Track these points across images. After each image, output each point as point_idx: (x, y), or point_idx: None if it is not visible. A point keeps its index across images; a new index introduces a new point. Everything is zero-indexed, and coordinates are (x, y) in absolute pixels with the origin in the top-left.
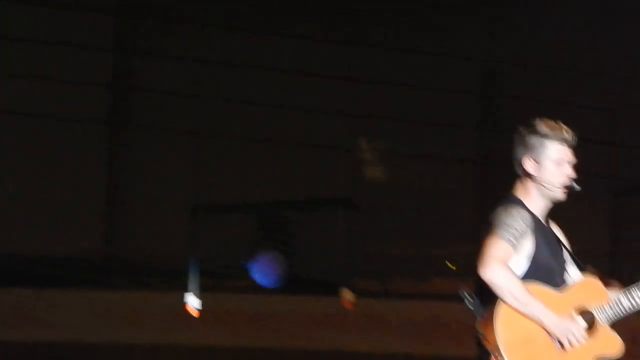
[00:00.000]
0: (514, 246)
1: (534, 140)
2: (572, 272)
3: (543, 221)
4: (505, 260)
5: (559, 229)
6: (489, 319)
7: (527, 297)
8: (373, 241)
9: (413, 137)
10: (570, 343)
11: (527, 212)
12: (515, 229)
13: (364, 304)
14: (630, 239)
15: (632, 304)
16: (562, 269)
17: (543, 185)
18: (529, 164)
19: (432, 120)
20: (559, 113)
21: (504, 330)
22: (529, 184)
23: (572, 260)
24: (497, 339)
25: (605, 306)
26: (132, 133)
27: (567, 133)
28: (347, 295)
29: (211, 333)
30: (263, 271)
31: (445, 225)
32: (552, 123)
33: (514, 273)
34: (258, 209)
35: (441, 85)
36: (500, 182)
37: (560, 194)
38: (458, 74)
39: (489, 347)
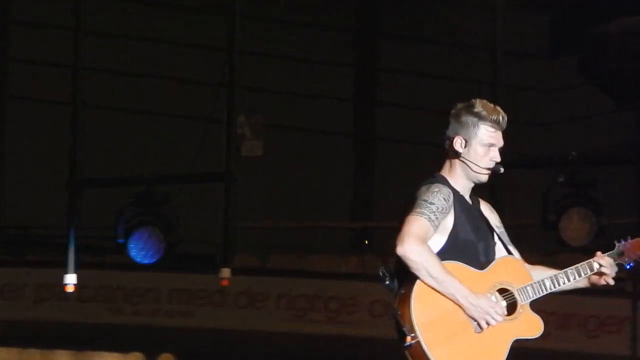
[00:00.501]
0: (434, 223)
1: (468, 119)
2: (501, 253)
3: (468, 199)
4: (423, 237)
5: (491, 209)
6: (405, 298)
7: (443, 274)
8: (252, 216)
9: (291, 111)
10: (487, 322)
11: (449, 190)
12: (436, 206)
13: (242, 280)
14: None
15: (554, 286)
16: (488, 248)
17: (468, 166)
18: (458, 143)
19: (310, 94)
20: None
21: (420, 308)
22: (456, 162)
23: (501, 242)
24: (413, 318)
25: (527, 287)
26: (8, 104)
27: (501, 116)
28: (225, 272)
29: (89, 309)
30: (141, 247)
31: (324, 200)
32: (489, 105)
33: (430, 250)
34: (136, 183)
35: (317, 58)
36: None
37: (483, 177)
38: (334, 47)
39: (405, 326)
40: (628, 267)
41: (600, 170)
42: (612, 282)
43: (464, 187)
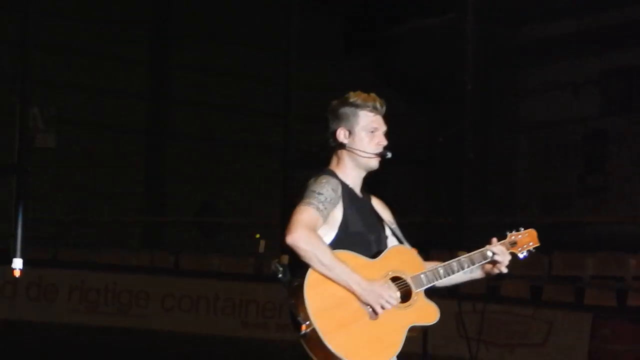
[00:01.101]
0: (322, 213)
1: (346, 110)
2: (392, 245)
3: (358, 192)
4: (312, 226)
5: (381, 202)
6: (299, 287)
7: (334, 261)
8: (44, 209)
9: (85, 105)
10: (382, 307)
11: (338, 182)
12: (324, 196)
13: (33, 272)
14: None
15: (448, 273)
16: (380, 241)
17: (357, 155)
18: (342, 135)
19: (104, 89)
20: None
21: (313, 296)
22: (343, 154)
23: (392, 234)
24: (307, 306)
25: (420, 275)
26: None
27: (378, 102)
28: (17, 262)
29: None
30: None
31: (116, 195)
32: (363, 94)
33: (320, 238)
34: None
35: (111, 53)
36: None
37: (373, 162)
38: (128, 42)
39: (299, 316)
40: (522, 257)
41: (390, 170)
42: (505, 270)
43: (355, 180)
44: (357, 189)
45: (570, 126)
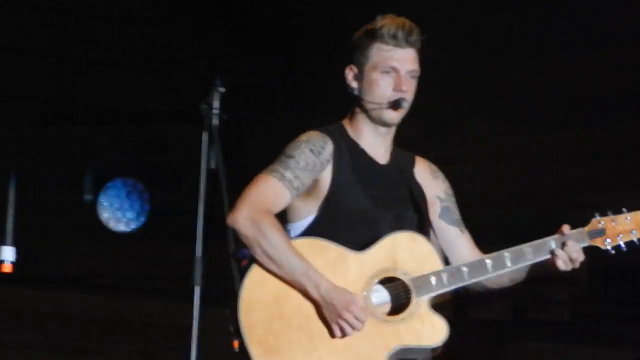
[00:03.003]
0: (291, 185)
1: (361, 40)
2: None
3: (377, 155)
4: (266, 203)
5: (435, 174)
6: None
7: (287, 254)
8: None
9: None
10: (341, 329)
11: (328, 140)
12: (296, 160)
13: None
14: None
15: (474, 276)
16: (403, 221)
17: (365, 104)
18: (350, 75)
19: None
20: None
21: (250, 302)
22: (355, 103)
23: (441, 214)
24: (240, 316)
25: (429, 276)
26: None
27: (401, 28)
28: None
29: None
30: None
31: None
32: (391, 17)
33: (271, 221)
34: None
35: None
36: None
37: (387, 116)
38: None
39: (232, 327)
40: (611, 250)
41: None
42: (568, 268)
43: (372, 139)
44: (378, 151)
45: None
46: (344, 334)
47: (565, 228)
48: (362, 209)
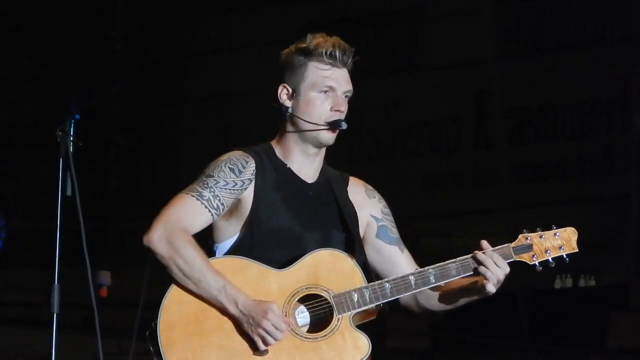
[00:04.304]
0: (210, 204)
1: (293, 59)
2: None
3: (305, 174)
4: (183, 222)
5: (370, 193)
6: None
7: (203, 271)
8: None
9: None
10: (263, 340)
11: (250, 160)
12: (215, 179)
13: None
14: None
15: (398, 291)
16: (330, 241)
17: (299, 124)
18: (284, 93)
19: None
20: None
21: (170, 322)
22: (286, 122)
23: (378, 233)
24: (159, 334)
25: (352, 292)
26: None
27: (339, 49)
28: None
29: None
30: None
31: None
32: (323, 36)
33: (186, 239)
34: None
35: None
36: None
37: (324, 137)
38: None
39: (151, 347)
40: (539, 267)
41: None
42: (492, 290)
43: (302, 158)
44: (307, 171)
45: None
46: (265, 344)
47: (485, 244)
48: (286, 228)
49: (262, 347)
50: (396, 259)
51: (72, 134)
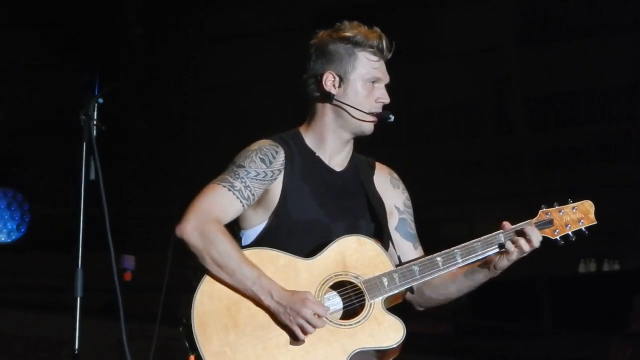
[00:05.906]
0: (241, 194)
1: (339, 48)
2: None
3: (335, 163)
4: (216, 213)
5: (396, 183)
6: (190, 300)
7: (237, 263)
8: None
9: None
10: (303, 329)
11: (280, 149)
12: (246, 170)
13: None
14: None
15: (425, 273)
16: (356, 230)
17: (347, 112)
18: (330, 81)
19: None
20: None
21: (204, 316)
22: (326, 109)
23: (398, 226)
24: (194, 329)
25: (381, 277)
26: None
27: (384, 41)
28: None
29: None
30: None
31: None
32: (363, 27)
33: (220, 230)
34: None
35: None
36: None
37: (367, 127)
38: None
39: (184, 342)
40: (561, 241)
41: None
42: (504, 265)
43: (335, 147)
44: (337, 159)
45: None
46: (304, 332)
47: (507, 225)
48: (314, 218)
49: (301, 336)
50: (408, 255)
51: (95, 118)
